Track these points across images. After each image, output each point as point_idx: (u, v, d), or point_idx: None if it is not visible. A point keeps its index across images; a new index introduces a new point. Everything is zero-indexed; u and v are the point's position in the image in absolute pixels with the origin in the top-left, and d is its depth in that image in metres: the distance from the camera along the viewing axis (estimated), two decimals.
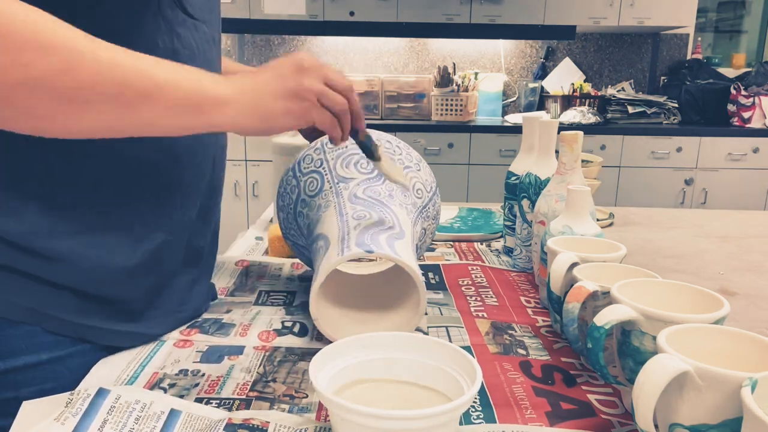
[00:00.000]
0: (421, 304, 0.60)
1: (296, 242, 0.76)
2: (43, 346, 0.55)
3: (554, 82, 3.38)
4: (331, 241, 0.62)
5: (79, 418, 0.46)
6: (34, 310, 0.54)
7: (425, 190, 0.73)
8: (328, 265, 0.58)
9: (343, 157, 0.70)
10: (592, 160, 1.16)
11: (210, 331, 0.65)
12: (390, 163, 0.65)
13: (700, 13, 3.34)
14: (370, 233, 0.61)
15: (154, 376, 0.56)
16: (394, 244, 0.60)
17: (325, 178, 0.69)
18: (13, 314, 0.53)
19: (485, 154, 2.94)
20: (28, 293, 0.54)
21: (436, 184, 0.76)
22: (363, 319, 0.65)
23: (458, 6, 3.03)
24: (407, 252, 0.61)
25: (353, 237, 0.60)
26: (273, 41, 3.44)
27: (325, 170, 0.70)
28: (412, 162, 0.73)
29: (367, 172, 0.69)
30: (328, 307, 0.64)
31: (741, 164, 2.98)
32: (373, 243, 0.59)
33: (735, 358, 0.41)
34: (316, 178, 0.70)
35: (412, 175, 0.72)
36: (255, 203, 3.00)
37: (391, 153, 0.72)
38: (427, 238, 0.76)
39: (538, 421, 0.49)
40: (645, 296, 0.50)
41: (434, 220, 0.76)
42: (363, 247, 0.59)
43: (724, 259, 0.98)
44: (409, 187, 0.72)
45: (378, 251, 0.58)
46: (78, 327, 0.57)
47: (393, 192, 0.69)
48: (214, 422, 0.47)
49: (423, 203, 0.72)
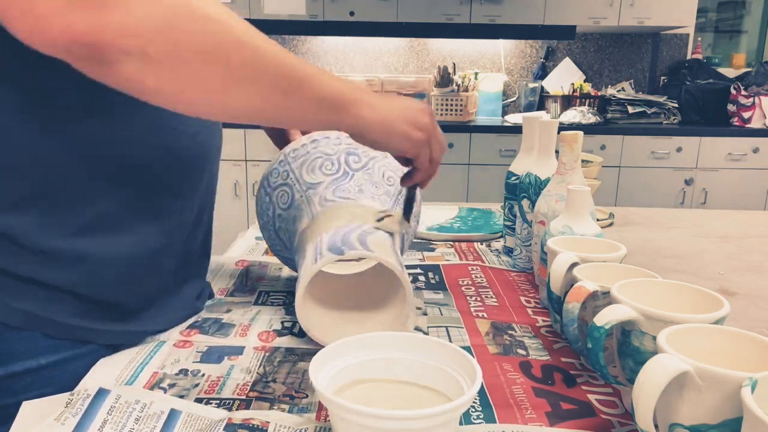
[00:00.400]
0: (408, 298, 0.60)
1: (284, 256, 0.77)
2: (42, 351, 0.55)
3: (554, 82, 3.38)
4: (307, 249, 0.62)
5: (79, 418, 0.46)
6: (32, 314, 0.54)
7: (396, 176, 0.73)
8: (306, 275, 0.58)
9: (307, 163, 0.71)
10: (592, 160, 1.16)
11: (210, 332, 0.65)
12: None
13: (700, 13, 3.34)
14: (340, 235, 0.61)
15: (154, 376, 0.56)
16: (366, 241, 0.60)
17: (293, 188, 0.70)
18: (12, 319, 0.53)
19: (485, 154, 2.94)
20: (27, 297, 0.53)
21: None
22: (353, 319, 0.65)
23: (458, 6, 3.03)
24: (382, 245, 0.61)
25: (325, 242, 0.60)
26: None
27: (293, 180, 0.70)
28: (377, 153, 0.73)
29: (333, 172, 0.69)
30: (318, 311, 0.64)
31: (741, 164, 2.98)
32: (344, 244, 0.59)
33: (735, 358, 0.41)
34: (286, 191, 0.70)
35: (378, 164, 0.72)
36: (255, 203, 3.00)
37: (353, 149, 0.72)
38: (412, 222, 0.76)
39: (538, 421, 0.49)
40: (645, 296, 0.50)
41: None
42: (334, 251, 0.58)
43: (724, 259, 0.98)
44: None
45: (349, 252, 0.58)
46: (75, 329, 0.57)
47: (362, 186, 0.69)
48: (214, 422, 0.47)
49: (396, 190, 0.72)
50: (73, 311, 0.56)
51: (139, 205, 0.59)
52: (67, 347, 0.57)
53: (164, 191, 0.61)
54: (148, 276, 0.61)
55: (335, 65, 3.45)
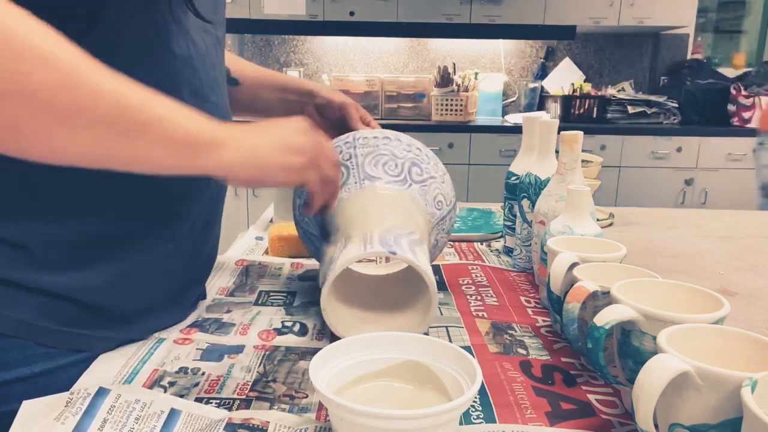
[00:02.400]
0: (432, 311, 0.60)
1: (307, 230, 0.75)
2: (35, 359, 0.54)
3: (554, 82, 3.38)
4: (351, 235, 0.62)
5: (79, 417, 0.46)
6: (25, 323, 0.53)
7: (445, 203, 0.73)
8: (348, 258, 0.58)
9: (373, 155, 0.70)
10: (592, 160, 1.16)
11: (210, 330, 0.65)
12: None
13: (700, 13, 3.34)
14: (393, 235, 0.61)
15: (154, 373, 0.56)
16: (416, 250, 0.60)
17: (351, 172, 0.69)
18: (4, 327, 0.53)
19: (485, 154, 2.94)
20: (20, 305, 0.53)
21: (455, 199, 0.76)
22: (371, 319, 0.65)
23: (458, 6, 3.03)
24: (425, 259, 0.61)
25: (376, 235, 0.60)
26: (273, 41, 3.44)
27: (353, 165, 0.69)
28: (438, 173, 0.73)
29: (395, 175, 0.69)
30: (337, 303, 0.64)
31: (741, 164, 2.98)
32: (396, 245, 0.59)
33: (735, 358, 0.41)
34: (343, 171, 0.69)
35: (435, 185, 0.72)
36: (255, 203, 3.00)
37: (420, 161, 0.72)
38: (437, 251, 0.76)
39: (538, 421, 0.49)
40: (645, 296, 0.50)
41: (447, 233, 0.76)
42: (386, 247, 0.58)
43: (724, 259, 0.98)
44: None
45: (401, 254, 0.58)
46: (70, 336, 0.56)
47: (416, 198, 0.69)
48: (215, 422, 0.47)
49: (441, 215, 0.72)
50: (66, 318, 0.56)
51: (149, 210, 0.58)
52: (62, 355, 0.56)
53: (176, 199, 0.60)
54: (156, 280, 0.61)
55: (335, 65, 3.46)
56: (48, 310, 0.54)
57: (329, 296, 0.59)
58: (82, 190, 0.54)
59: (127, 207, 0.57)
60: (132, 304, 0.60)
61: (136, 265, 0.59)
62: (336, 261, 0.59)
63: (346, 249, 0.60)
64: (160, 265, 0.61)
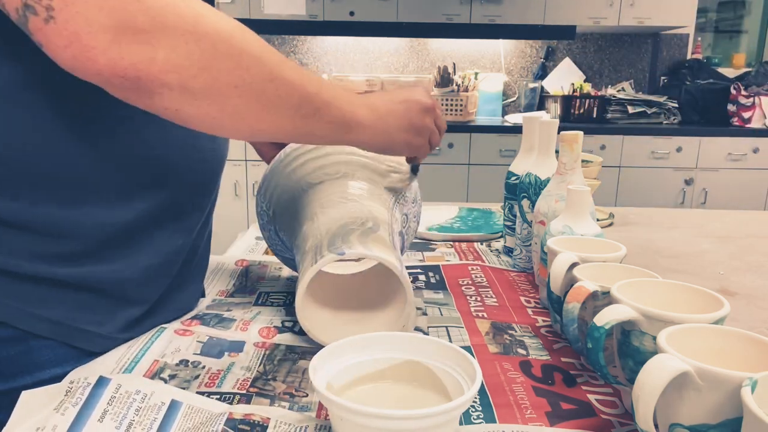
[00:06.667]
0: (408, 298, 0.60)
1: (284, 256, 0.77)
2: (68, 358, 0.55)
3: (554, 82, 3.39)
4: (307, 249, 0.62)
5: (79, 408, 0.46)
6: (59, 323, 0.54)
7: (399, 166, 0.73)
8: (306, 275, 0.58)
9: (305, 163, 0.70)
10: (592, 160, 1.16)
11: (211, 324, 0.65)
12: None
13: (700, 13, 3.34)
14: (341, 235, 0.61)
15: (155, 364, 0.56)
16: (368, 240, 0.60)
17: (295, 188, 0.70)
18: (38, 328, 0.53)
19: (485, 154, 2.94)
20: (53, 305, 0.53)
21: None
22: (354, 320, 0.65)
23: (458, 6, 3.03)
24: (382, 245, 0.61)
25: (325, 243, 0.60)
26: (273, 41, 3.44)
27: (294, 180, 0.70)
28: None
29: (332, 172, 0.69)
30: (318, 311, 0.64)
31: (741, 164, 2.98)
32: (344, 244, 0.59)
33: (735, 358, 0.41)
34: (287, 190, 0.70)
35: (382, 159, 0.72)
36: (255, 203, 3.00)
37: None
38: (411, 223, 0.76)
39: (538, 421, 0.49)
40: (645, 296, 0.50)
41: (414, 204, 0.76)
42: (335, 251, 0.58)
43: (724, 259, 0.98)
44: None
45: (350, 252, 0.58)
46: (102, 338, 0.57)
47: (361, 183, 0.69)
48: (215, 415, 0.47)
49: (397, 183, 0.72)
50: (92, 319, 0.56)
51: (168, 205, 0.59)
52: (86, 356, 0.56)
53: (190, 190, 0.62)
54: (163, 276, 0.62)
55: (335, 65, 3.45)
56: (78, 308, 0.55)
57: (304, 312, 0.60)
58: (117, 186, 0.55)
59: (154, 200, 0.58)
60: (153, 294, 0.61)
61: (149, 260, 0.59)
62: (299, 280, 0.60)
63: (302, 268, 0.61)
64: (177, 257, 0.62)
